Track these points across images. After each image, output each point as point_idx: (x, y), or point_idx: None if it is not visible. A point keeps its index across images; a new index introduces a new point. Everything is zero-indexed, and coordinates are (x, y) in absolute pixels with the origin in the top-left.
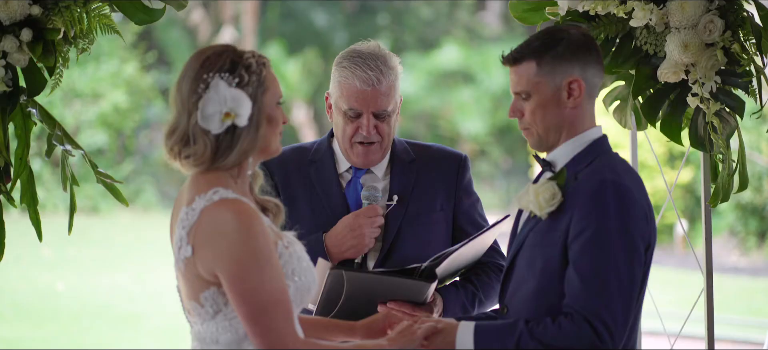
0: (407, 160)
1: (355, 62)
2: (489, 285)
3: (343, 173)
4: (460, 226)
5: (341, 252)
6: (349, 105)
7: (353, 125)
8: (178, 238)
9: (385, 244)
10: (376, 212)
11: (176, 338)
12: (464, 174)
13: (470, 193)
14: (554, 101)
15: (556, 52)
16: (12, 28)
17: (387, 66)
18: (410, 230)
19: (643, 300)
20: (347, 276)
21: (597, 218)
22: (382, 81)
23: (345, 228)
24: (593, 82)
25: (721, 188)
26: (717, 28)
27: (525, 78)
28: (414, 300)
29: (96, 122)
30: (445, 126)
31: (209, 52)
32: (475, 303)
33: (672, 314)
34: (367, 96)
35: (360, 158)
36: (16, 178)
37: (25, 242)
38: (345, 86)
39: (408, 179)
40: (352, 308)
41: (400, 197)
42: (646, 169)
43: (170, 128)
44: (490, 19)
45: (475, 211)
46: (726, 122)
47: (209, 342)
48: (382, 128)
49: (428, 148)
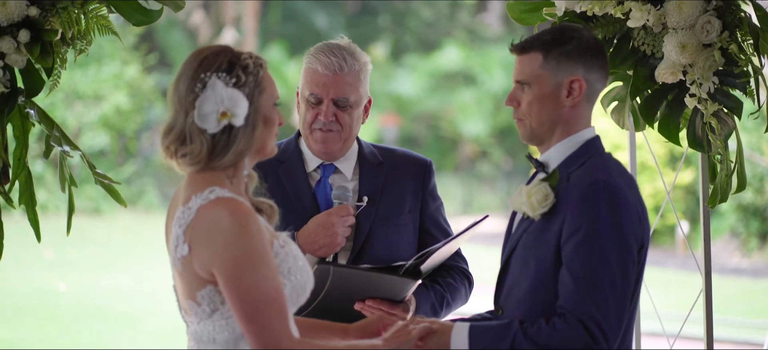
0: (375, 162)
1: (321, 49)
2: (455, 288)
3: (311, 173)
4: (426, 229)
5: (313, 251)
6: (311, 90)
7: (313, 112)
8: (175, 237)
9: (356, 244)
10: (348, 212)
11: (176, 339)
12: (430, 178)
13: (436, 197)
14: (552, 97)
15: (564, 49)
16: (10, 29)
17: (352, 57)
18: (381, 231)
19: (638, 300)
20: (334, 271)
21: (589, 219)
22: (344, 68)
23: (317, 227)
24: (595, 86)
25: (720, 188)
26: (714, 29)
27: (529, 68)
28: (393, 297)
29: (98, 124)
30: (445, 127)
31: (207, 52)
32: (443, 304)
33: (673, 315)
34: (328, 81)
35: (318, 144)
36: (15, 179)
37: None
38: (309, 72)
39: (376, 181)
40: (330, 304)
41: (370, 199)
42: (647, 170)
43: (167, 127)
44: (491, 21)
45: (440, 214)
46: (724, 123)
47: (206, 341)
48: (342, 117)
49: (394, 152)
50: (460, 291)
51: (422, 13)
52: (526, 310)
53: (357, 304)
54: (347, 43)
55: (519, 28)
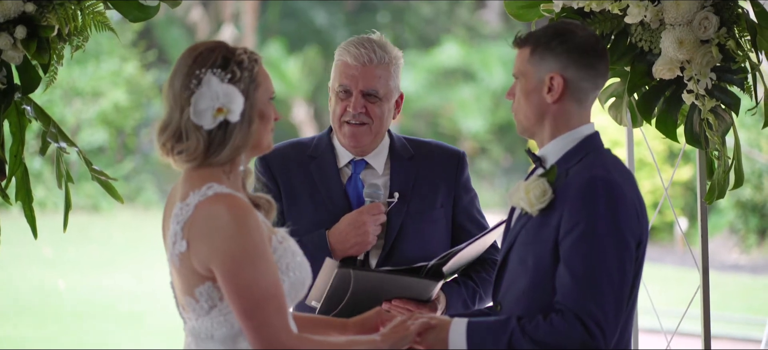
0: (406, 156)
1: (351, 42)
2: (488, 282)
3: (343, 168)
4: (460, 223)
5: (345, 249)
6: (340, 82)
7: (343, 104)
8: (173, 233)
9: (387, 241)
10: (380, 210)
11: (177, 336)
12: (463, 171)
13: (469, 189)
14: (536, 92)
15: (549, 45)
16: (6, 25)
17: (383, 50)
18: (412, 227)
19: (636, 297)
20: (355, 275)
21: (587, 215)
22: (373, 60)
23: (349, 225)
24: (579, 85)
25: (717, 184)
26: (712, 25)
27: (519, 62)
28: (419, 298)
29: (96, 121)
30: (445, 124)
31: (201, 48)
32: (476, 299)
33: (672, 312)
34: (357, 72)
35: (348, 138)
36: (11, 175)
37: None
38: (338, 64)
39: (407, 175)
40: (355, 306)
41: (401, 195)
42: (646, 167)
43: (163, 123)
44: (490, 17)
45: (474, 207)
46: (721, 119)
47: (204, 337)
48: (371, 110)
49: (426, 144)
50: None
51: (421, 9)
52: (524, 306)
53: (384, 304)
54: (379, 36)
55: (518, 25)
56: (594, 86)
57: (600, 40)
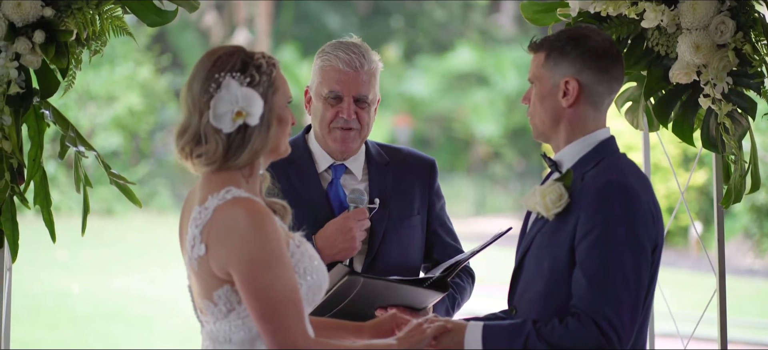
0: (382, 163)
1: (338, 47)
2: (463, 288)
3: (322, 173)
4: (433, 229)
5: (332, 255)
6: (330, 88)
7: (333, 110)
8: (191, 237)
9: (371, 247)
10: (365, 215)
11: (190, 340)
12: (435, 178)
13: (440, 196)
14: (551, 97)
15: (564, 50)
16: (25, 29)
17: (369, 56)
18: (393, 233)
19: (651, 301)
20: (364, 282)
21: (603, 219)
22: (364, 65)
23: (336, 231)
24: (594, 89)
25: (734, 189)
26: (728, 29)
27: (534, 67)
28: (415, 306)
29: (110, 125)
30: (458, 128)
31: (220, 52)
32: (455, 306)
33: (686, 316)
34: (349, 78)
35: (338, 143)
36: (30, 179)
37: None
38: (327, 69)
39: (385, 181)
40: (351, 310)
41: (381, 200)
42: (660, 171)
43: (181, 127)
44: (504, 21)
45: (444, 213)
46: (738, 123)
47: (222, 341)
48: (362, 116)
49: (399, 151)
50: (467, 290)
51: (435, 13)
52: (539, 310)
53: (378, 310)
54: (360, 41)
55: (532, 29)
56: (609, 90)
57: (615, 45)
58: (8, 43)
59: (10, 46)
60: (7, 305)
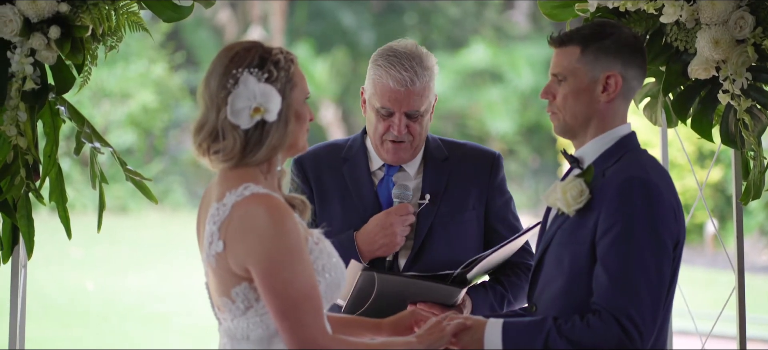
0: (440, 158)
1: (391, 61)
2: (518, 286)
3: (375, 171)
4: (492, 225)
5: (373, 251)
6: (382, 104)
7: (385, 124)
8: (209, 233)
9: (416, 243)
10: (408, 211)
11: (205, 337)
12: (497, 173)
13: (503, 192)
14: (588, 92)
15: (602, 44)
16: (40, 25)
17: (422, 67)
18: (442, 229)
19: (672, 298)
20: (378, 278)
21: (624, 215)
22: (415, 82)
23: (376, 227)
24: (632, 84)
25: (753, 185)
26: (748, 25)
27: (566, 61)
28: (444, 302)
29: (125, 122)
30: (473, 125)
31: (238, 48)
32: (504, 304)
33: (702, 313)
34: (400, 96)
35: (390, 155)
36: (45, 175)
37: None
38: (379, 85)
39: (440, 177)
40: (380, 307)
41: (432, 196)
42: (676, 168)
43: (198, 123)
44: (519, 18)
45: (508, 210)
46: (757, 119)
47: (240, 338)
48: (413, 128)
49: (462, 146)
50: (524, 288)
51: (449, 11)
52: (560, 307)
53: (409, 306)
54: (415, 48)
55: (547, 26)
56: (639, 85)
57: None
58: (24, 39)
59: (25, 41)
60: (22, 302)
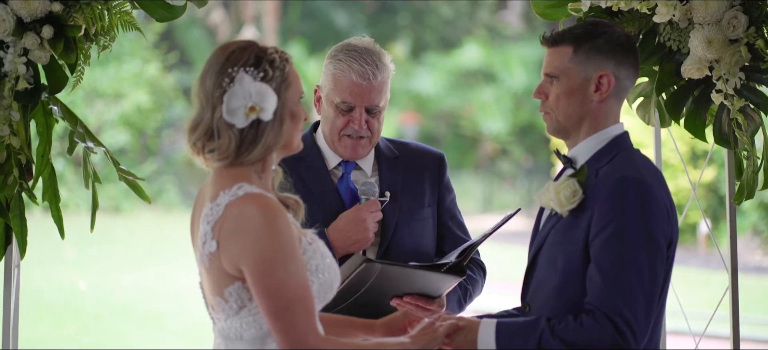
0: (392, 157)
1: (352, 56)
2: (475, 280)
3: (333, 170)
4: (443, 221)
5: (346, 247)
6: (343, 98)
7: (344, 119)
8: (203, 233)
9: (384, 239)
10: (377, 207)
11: (199, 337)
12: (445, 172)
13: (450, 190)
14: (580, 91)
15: (594, 43)
16: (33, 25)
17: (382, 62)
18: (405, 225)
19: (665, 298)
20: (382, 269)
21: (618, 215)
22: (377, 76)
23: (349, 223)
24: (624, 83)
25: (746, 185)
26: (741, 24)
27: (558, 61)
28: (431, 293)
29: (118, 122)
30: (466, 125)
31: (233, 47)
32: (467, 297)
33: (695, 314)
34: (362, 90)
35: (348, 150)
36: (38, 175)
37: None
38: (340, 79)
39: (395, 175)
40: (367, 300)
41: (391, 194)
42: (669, 168)
43: (193, 122)
44: (511, 18)
45: (454, 206)
46: (750, 119)
47: (233, 338)
48: (372, 124)
49: (408, 145)
50: (479, 282)
51: (442, 11)
52: (553, 307)
53: (394, 300)
54: (372, 44)
55: (540, 26)
56: (632, 84)
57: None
58: (16, 39)
59: (18, 41)
60: (15, 302)
